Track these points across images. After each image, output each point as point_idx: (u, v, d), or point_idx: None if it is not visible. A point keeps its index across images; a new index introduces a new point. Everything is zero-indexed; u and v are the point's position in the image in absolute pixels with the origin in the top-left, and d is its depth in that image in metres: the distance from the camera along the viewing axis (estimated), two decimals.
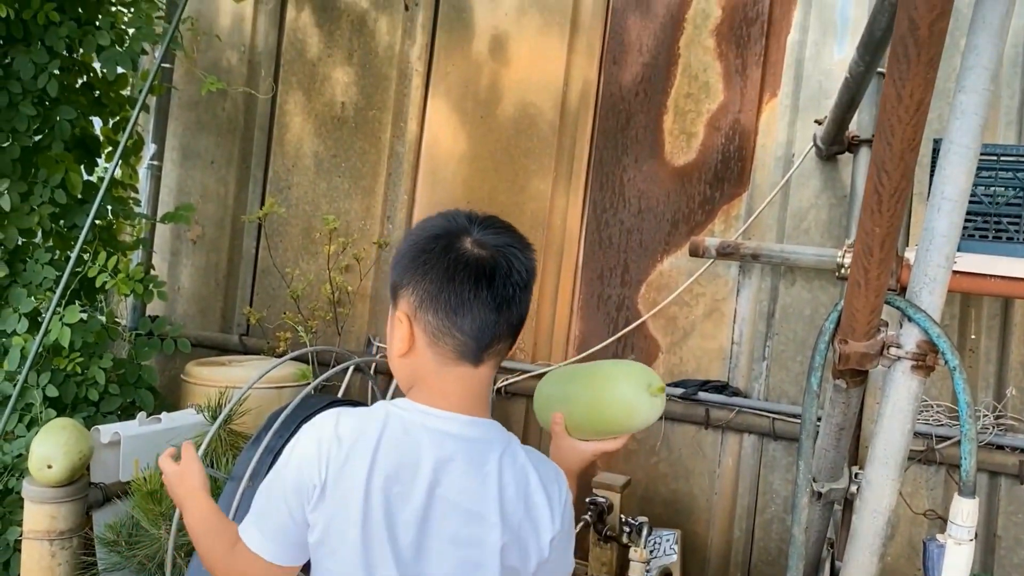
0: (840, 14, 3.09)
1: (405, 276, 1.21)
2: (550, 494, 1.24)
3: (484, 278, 1.17)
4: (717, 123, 3.26)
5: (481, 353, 1.21)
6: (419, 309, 1.19)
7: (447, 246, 1.18)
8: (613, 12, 3.45)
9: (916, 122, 1.14)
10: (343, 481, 1.17)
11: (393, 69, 3.79)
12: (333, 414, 1.22)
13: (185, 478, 1.43)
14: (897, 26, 1.06)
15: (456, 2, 3.71)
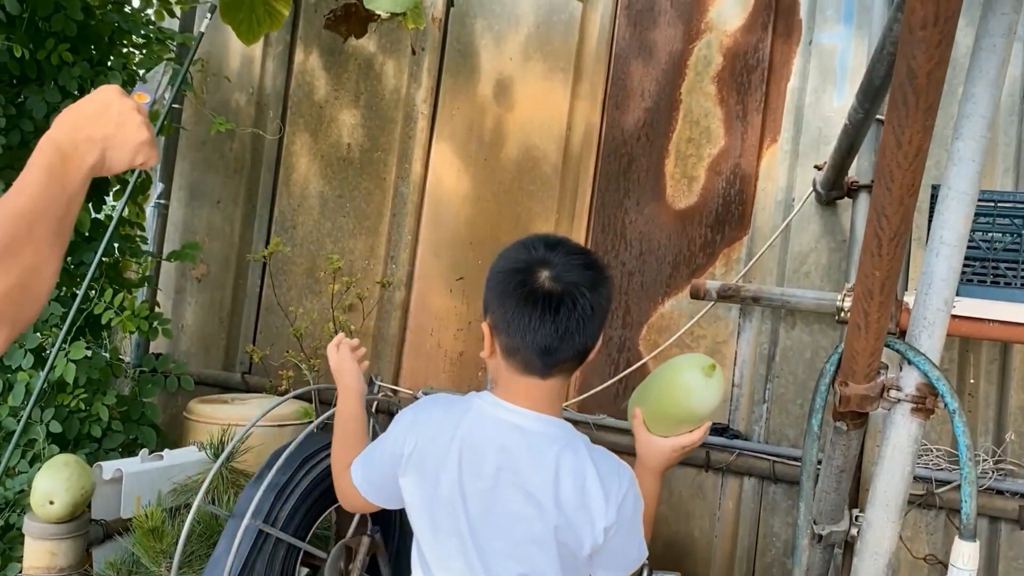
0: (839, 63, 3.15)
1: (491, 298, 1.40)
2: (607, 487, 1.36)
3: (551, 311, 1.33)
4: (718, 167, 3.30)
5: (547, 370, 1.38)
6: (498, 327, 1.38)
7: (523, 280, 1.35)
8: (616, 58, 3.51)
9: (915, 167, 1.17)
10: (428, 454, 1.41)
11: (399, 111, 3.84)
12: (432, 398, 1.49)
13: (340, 375, 1.68)
14: (896, 74, 1.09)
15: (462, 47, 3.77)
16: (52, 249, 1.00)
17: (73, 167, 1.06)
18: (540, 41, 3.63)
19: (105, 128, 1.12)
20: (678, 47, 3.40)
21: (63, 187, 1.04)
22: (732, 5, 3.33)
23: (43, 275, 0.99)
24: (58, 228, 1.02)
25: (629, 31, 3.49)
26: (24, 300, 0.97)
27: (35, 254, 0.97)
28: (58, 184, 1.03)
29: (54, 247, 1.01)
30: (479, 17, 3.75)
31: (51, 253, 1.00)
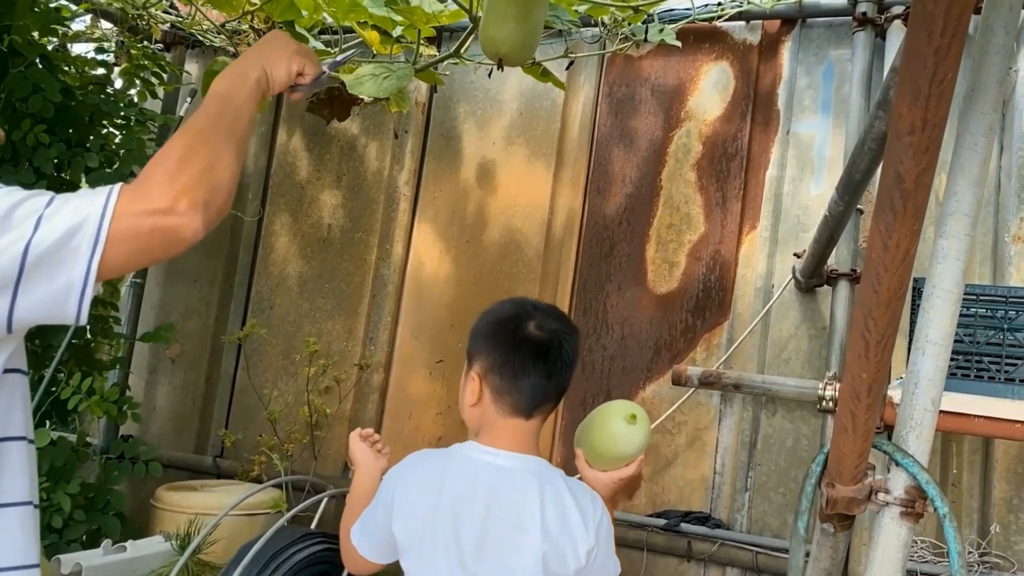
0: (817, 153, 3.19)
1: (481, 344, 1.54)
2: (584, 512, 1.49)
3: (542, 354, 1.51)
4: (698, 253, 3.30)
5: (532, 410, 1.53)
6: (489, 372, 1.52)
7: (515, 328, 1.52)
8: (598, 144, 3.54)
9: (902, 271, 1.15)
10: (419, 501, 1.50)
11: (381, 193, 3.84)
12: (416, 454, 1.59)
13: (354, 454, 1.80)
14: (883, 179, 1.07)
15: (445, 131, 3.80)
16: (226, 146, 1.20)
17: (238, 84, 1.30)
18: (523, 126, 3.67)
19: (262, 50, 1.39)
20: (659, 135, 3.44)
21: (228, 98, 1.27)
22: (711, 95, 3.39)
23: (220, 165, 1.17)
24: (229, 127, 1.23)
25: (611, 119, 3.53)
26: (213, 185, 1.14)
27: (210, 146, 1.17)
28: (224, 96, 1.27)
29: (227, 144, 1.20)
30: (462, 102, 3.79)
31: (225, 150, 1.19)
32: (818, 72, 3.27)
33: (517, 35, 1.77)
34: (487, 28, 1.77)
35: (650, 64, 3.51)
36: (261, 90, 1.35)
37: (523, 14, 1.77)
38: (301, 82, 1.48)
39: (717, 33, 3.42)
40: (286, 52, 1.41)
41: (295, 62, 1.42)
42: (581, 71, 3.60)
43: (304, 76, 1.46)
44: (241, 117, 1.27)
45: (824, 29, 3.28)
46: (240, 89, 1.30)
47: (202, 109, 1.24)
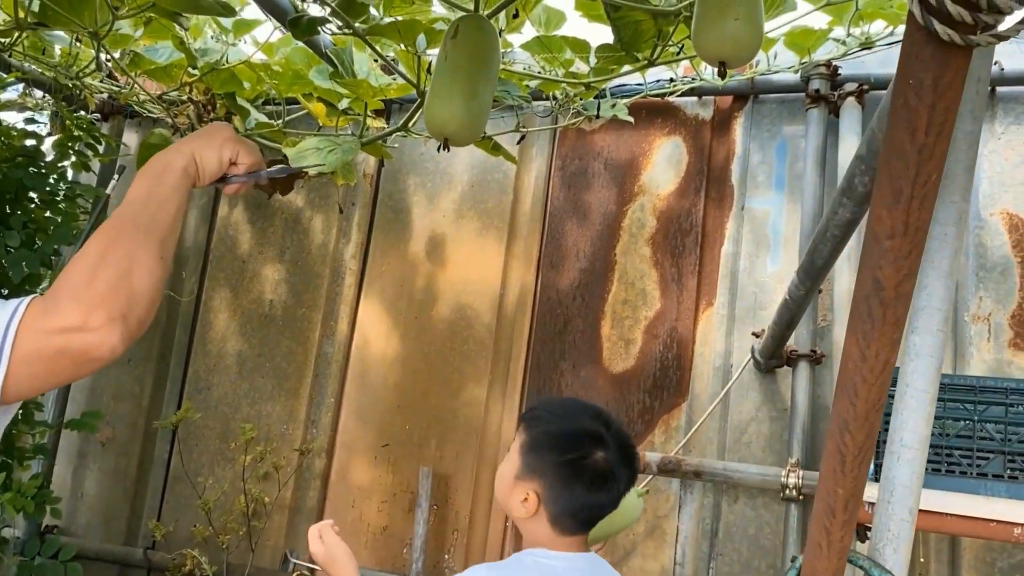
0: (772, 229, 3.14)
1: (544, 467, 1.53)
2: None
3: (604, 487, 1.53)
4: (655, 330, 3.21)
5: (586, 530, 1.58)
6: (548, 497, 1.53)
7: (582, 457, 1.52)
8: (551, 218, 3.46)
9: (882, 382, 1.05)
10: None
11: (326, 267, 3.71)
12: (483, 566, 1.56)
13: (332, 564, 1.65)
14: (860, 285, 0.98)
15: (394, 203, 3.70)
16: (145, 248, 1.10)
17: (161, 176, 1.21)
18: (474, 199, 3.58)
19: (193, 138, 1.31)
20: (612, 209, 3.38)
21: (150, 193, 1.18)
22: (664, 170, 3.34)
23: (140, 270, 1.08)
24: (148, 226, 1.14)
25: (563, 192, 3.46)
26: (131, 294, 1.05)
27: (126, 250, 1.08)
28: (145, 190, 1.18)
29: (147, 245, 1.11)
30: (412, 174, 3.70)
31: (144, 251, 1.10)
32: (771, 148, 3.25)
33: (464, 115, 1.67)
34: (432, 107, 1.68)
35: (603, 138, 3.47)
36: (189, 180, 1.27)
37: (470, 92, 1.68)
38: (235, 172, 1.38)
39: (670, 108, 3.39)
40: (218, 139, 1.33)
41: (227, 148, 1.33)
42: (533, 144, 3.54)
43: (238, 166, 1.36)
44: (164, 212, 1.18)
45: (776, 105, 3.27)
46: (164, 181, 1.22)
47: (120, 207, 1.16)
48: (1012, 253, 2.81)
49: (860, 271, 0.98)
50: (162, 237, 1.15)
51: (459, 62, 1.69)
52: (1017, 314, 2.77)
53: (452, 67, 1.69)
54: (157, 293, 1.11)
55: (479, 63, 1.73)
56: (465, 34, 1.72)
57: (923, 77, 0.80)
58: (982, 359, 2.76)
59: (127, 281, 1.05)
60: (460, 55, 1.70)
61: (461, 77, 1.67)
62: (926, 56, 0.79)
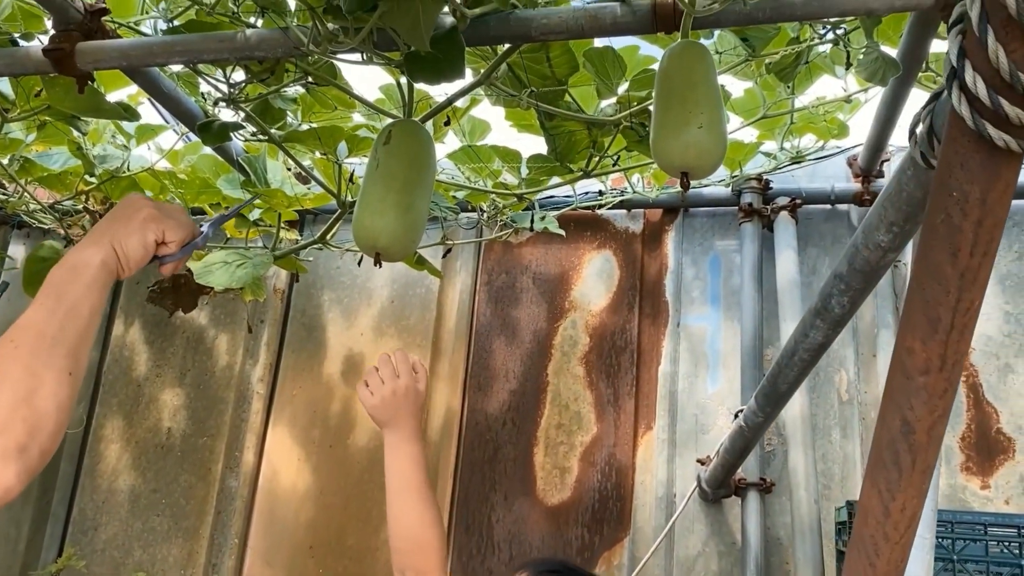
0: (710, 347, 3.05)
1: None
2: None
3: None
4: (592, 457, 3.04)
5: None
6: None
7: None
8: (477, 335, 3.30)
9: (906, 540, 0.90)
10: None
11: (231, 391, 3.44)
12: None
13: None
14: (885, 427, 0.85)
15: (307, 320, 3.49)
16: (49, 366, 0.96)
17: (71, 276, 1.07)
18: (395, 316, 3.40)
19: (108, 223, 1.15)
20: (543, 326, 3.24)
21: (59, 297, 1.04)
22: (595, 285, 3.24)
23: (43, 391, 0.94)
24: (55, 336, 1.00)
25: (490, 308, 3.32)
26: (33, 421, 0.92)
27: (26, 367, 0.95)
28: (54, 295, 1.04)
29: (51, 362, 0.97)
30: (327, 289, 3.51)
31: (48, 367, 0.96)
32: (704, 262, 3.19)
33: (398, 228, 1.52)
34: (363, 218, 1.53)
35: (531, 251, 3.36)
36: (110, 274, 1.13)
37: (405, 203, 1.54)
38: (165, 252, 1.24)
39: (599, 221, 3.32)
40: (137, 220, 1.18)
41: (150, 229, 1.18)
42: (458, 257, 3.40)
43: (167, 244, 1.22)
44: (75, 318, 1.04)
45: (708, 219, 3.23)
46: (77, 280, 1.07)
47: (22, 317, 1.02)
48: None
49: (884, 412, 0.85)
50: (72, 348, 1.02)
51: (393, 170, 1.56)
52: (967, 436, 2.71)
53: (385, 175, 1.55)
54: (63, 416, 0.98)
55: (415, 172, 1.59)
56: (399, 140, 1.60)
57: (969, 190, 0.68)
58: (934, 485, 2.67)
59: (27, 406, 0.93)
60: (394, 163, 1.56)
61: (395, 187, 1.53)
62: (974, 166, 0.67)
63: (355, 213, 1.53)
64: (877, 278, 1.15)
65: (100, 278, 1.10)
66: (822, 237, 3.05)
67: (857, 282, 1.16)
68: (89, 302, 1.07)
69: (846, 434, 2.82)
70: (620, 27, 1.59)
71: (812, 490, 2.33)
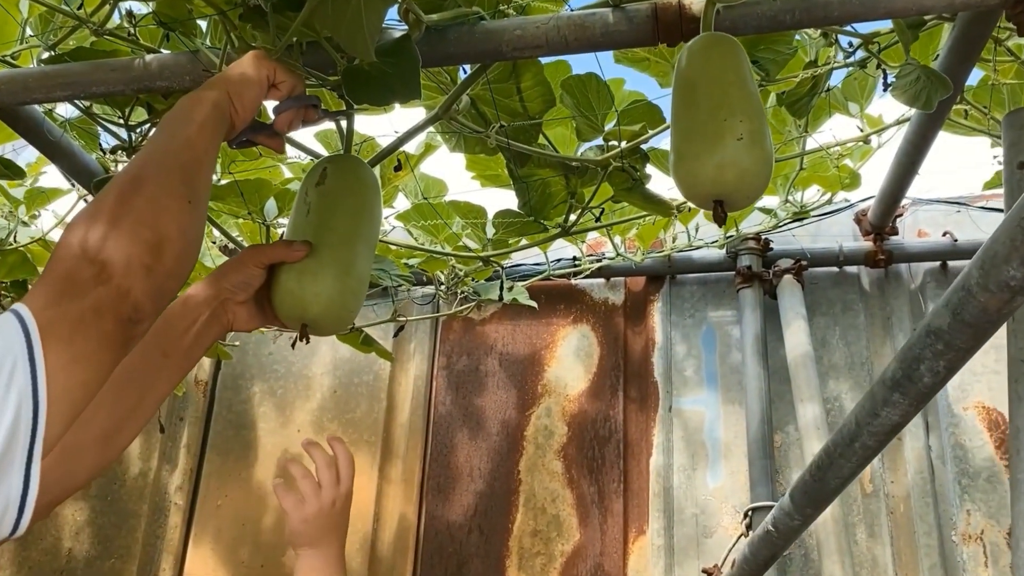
0: (708, 435, 2.78)
1: None
2: None
3: None
4: (575, 569, 2.72)
5: None
6: None
7: None
8: (435, 429, 3.00)
9: None
10: None
11: (144, 503, 3.08)
12: None
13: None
14: None
15: (234, 417, 3.16)
16: (168, 189, 1.02)
17: (188, 112, 1.12)
18: (338, 409, 3.09)
19: (221, 75, 1.22)
20: (512, 415, 2.95)
21: (173, 133, 1.09)
22: (572, 365, 2.98)
23: (165, 216, 0.99)
24: (172, 167, 1.05)
25: (450, 396, 3.03)
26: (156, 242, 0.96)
27: (148, 194, 1.00)
28: (168, 132, 1.10)
29: (169, 186, 1.02)
30: (257, 379, 3.19)
31: (167, 193, 1.01)
32: (697, 336, 2.95)
33: (334, 293, 1.24)
34: (287, 280, 1.25)
35: (496, 329, 3.09)
36: (223, 116, 1.15)
37: (342, 263, 1.27)
38: (277, 96, 1.27)
39: (573, 292, 3.08)
40: (244, 61, 1.23)
41: (261, 66, 1.22)
42: (411, 338, 3.12)
43: (278, 88, 1.26)
44: (191, 152, 1.09)
45: (698, 286, 3.00)
46: (188, 120, 1.11)
47: (138, 154, 1.09)
48: (996, 455, 2.53)
49: None
50: (188, 177, 1.06)
51: (327, 218, 1.28)
52: None
53: (318, 225, 1.27)
54: (188, 243, 1.02)
55: (356, 221, 1.32)
56: (337, 179, 1.33)
57: None
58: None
59: (150, 228, 0.97)
60: (329, 208, 1.29)
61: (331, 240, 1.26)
62: None
63: (276, 273, 1.25)
64: (991, 332, 0.90)
65: (212, 118, 1.13)
66: (831, 305, 2.83)
67: (963, 339, 0.91)
68: (203, 140, 1.10)
69: (873, 532, 2.55)
70: (614, 38, 1.37)
71: None
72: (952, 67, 1.66)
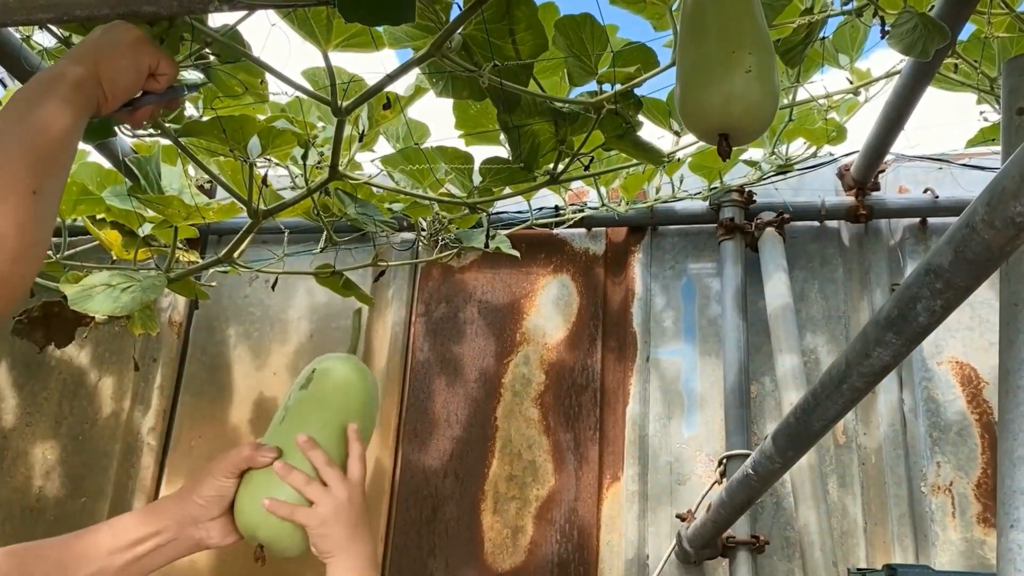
0: (684, 386, 2.81)
1: None
2: None
3: None
4: (549, 514, 2.76)
5: None
6: None
7: None
8: (413, 375, 3.01)
9: None
10: None
11: (116, 443, 3.07)
12: None
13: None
14: None
15: (209, 359, 3.14)
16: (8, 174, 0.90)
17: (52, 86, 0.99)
18: (315, 352, 3.05)
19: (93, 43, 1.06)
20: (490, 363, 2.97)
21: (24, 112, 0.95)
22: (551, 315, 2.99)
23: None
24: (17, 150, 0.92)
25: (428, 343, 3.03)
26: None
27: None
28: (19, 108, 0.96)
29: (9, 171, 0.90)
30: (233, 321, 3.18)
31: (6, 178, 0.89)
32: (676, 288, 2.97)
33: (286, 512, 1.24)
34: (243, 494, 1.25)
35: (475, 277, 3.09)
36: (87, 99, 1.02)
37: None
38: (153, 87, 1.15)
39: (554, 241, 3.08)
40: (126, 39, 1.08)
41: (145, 52, 1.10)
42: (390, 284, 3.12)
43: (157, 79, 1.14)
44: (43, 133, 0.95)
45: (679, 238, 3.02)
46: (48, 95, 0.98)
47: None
48: (968, 409, 2.58)
49: None
50: (36, 164, 0.93)
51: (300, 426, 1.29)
52: (983, 482, 2.51)
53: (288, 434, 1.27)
54: (30, 245, 0.90)
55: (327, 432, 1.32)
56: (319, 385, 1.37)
57: None
58: (949, 540, 2.46)
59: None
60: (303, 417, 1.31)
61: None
62: None
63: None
64: (992, 271, 0.91)
65: (76, 100, 1.00)
66: (810, 259, 2.86)
67: (963, 277, 0.92)
68: (62, 121, 0.97)
69: (844, 483, 2.61)
70: None
71: (829, 551, 2.09)
72: (948, 17, 1.67)
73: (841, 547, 2.52)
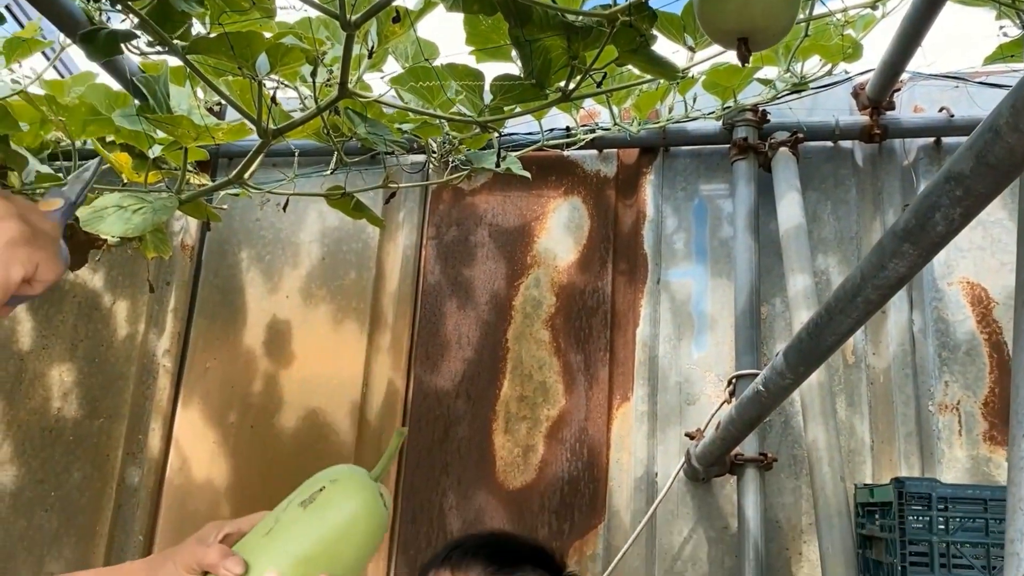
0: (695, 308, 2.81)
1: None
2: None
3: None
4: (559, 434, 2.79)
5: None
6: None
7: None
8: (424, 298, 3.01)
9: None
10: None
11: (132, 365, 3.10)
12: None
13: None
14: None
15: (221, 282, 3.15)
16: None
17: None
18: (326, 276, 3.09)
19: None
20: (501, 285, 2.97)
21: None
22: (562, 237, 2.98)
23: None
24: None
25: (440, 266, 3.03)
26: None
27: None
28: None
29: None
30: (245, 245, 3.18)
31: None
32: (688, 210, 2.95)
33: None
34: None
35: (486, 200, 3.08)
36: None
37: None
38: (28, 292, 0.94)
39: (565, 163, 3.05)
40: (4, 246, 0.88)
41: (17, 260, 0.89)
42: (400, 207, 3.11)
43: (32, 284, 0.93)
44: None
45: (692, 159, 2.99)
46: None
47: None
48: (978, 329, 2.58)
49: None
50: None
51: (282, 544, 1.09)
52: (990, 401, 2.53)
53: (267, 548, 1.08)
54: None
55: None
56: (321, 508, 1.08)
57: None
58: (955, 458, 2.49)
59: None
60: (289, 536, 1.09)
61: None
62: None
63: None
64: (1013, 178, 0.90)
65: None
66: (823, 180, 2.83)
67: (984, 184, 0.90)
68: None
69: (852, 402, 2.62)
70: None
71: (837, 467, 2.11)
72: None
73: (848, 465, 2.55)
